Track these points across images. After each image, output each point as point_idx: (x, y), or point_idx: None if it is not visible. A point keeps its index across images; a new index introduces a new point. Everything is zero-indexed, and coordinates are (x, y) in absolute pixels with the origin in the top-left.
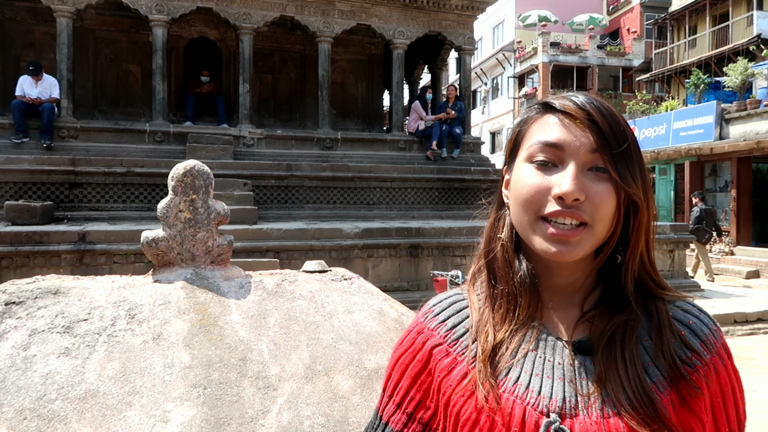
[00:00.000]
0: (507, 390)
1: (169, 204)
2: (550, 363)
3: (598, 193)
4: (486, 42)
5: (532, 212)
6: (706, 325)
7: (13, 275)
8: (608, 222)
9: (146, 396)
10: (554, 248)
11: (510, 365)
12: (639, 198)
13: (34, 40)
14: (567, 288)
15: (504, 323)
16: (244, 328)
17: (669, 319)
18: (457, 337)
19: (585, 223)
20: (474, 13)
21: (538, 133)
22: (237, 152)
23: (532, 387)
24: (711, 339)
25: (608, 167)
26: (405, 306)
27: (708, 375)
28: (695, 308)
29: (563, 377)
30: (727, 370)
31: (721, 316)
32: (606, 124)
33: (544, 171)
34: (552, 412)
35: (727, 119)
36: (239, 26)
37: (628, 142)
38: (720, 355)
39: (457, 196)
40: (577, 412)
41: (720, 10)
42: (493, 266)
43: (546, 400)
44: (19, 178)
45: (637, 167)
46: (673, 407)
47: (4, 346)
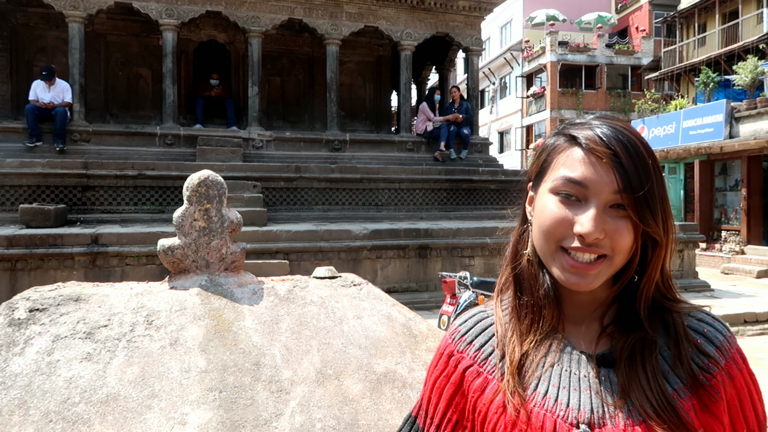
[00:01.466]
0: (537, 404)
1: (184, 213)
2: (576, 376)
3: (618, 229)
4: (494, 41)
5: (554, 242)
6: (720, 333)
7: (27, 277)
8: (626, 254)
9: (165, 399)
10: (573, 279)
11: (538, 378)
12: (659, 236)
13: (47, 45)
14: (587, 303)
15: (529, 334)
16: (257, 333)
17: (685, 329)
18: (486, 357)
19: (604, 255)
20: (481, 13)
21: (564, 166)
22: (246, 154)
23: (560, 400)
24: (726, 345)
25: (629, 209)
26: (413, 307)
27: (724, 379)
28: (709, 317)
29: (589, 389)
30: (742, 374)
31: (731, 316)
32: (631, 164)
33: (568, 205)
34: (582, 423)
35: (737, 118)
36: (248, 29)
37: (650, 180)
38: (735, 360)
39: (465, 197)
40: (604, 422)
41: (729, 7)
42: (519, 278)
43: (575, 412)
44: (33, 181)
45: (659, 205)
46: (694, 412)
47: (30, 351)
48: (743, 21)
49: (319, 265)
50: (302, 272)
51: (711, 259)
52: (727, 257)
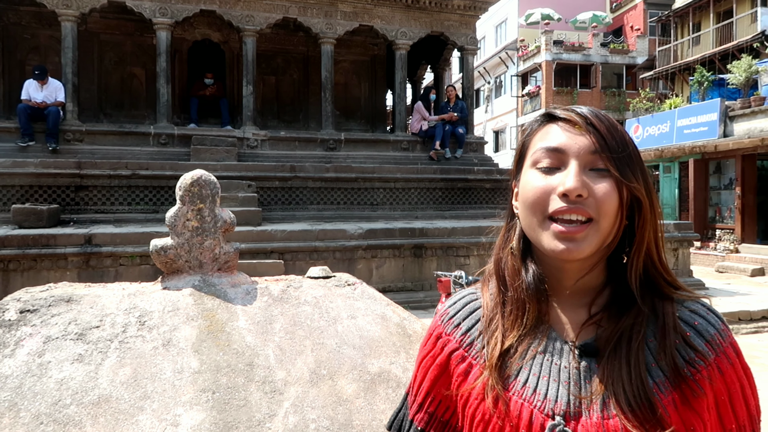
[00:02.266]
0: (516, 393)
1: (177, 213)
2: (557, 366)
3: (601, 188)
4: (489, 41)
5: (540, 212)
6: (713, 326)
7: (20, 278)
8: (612, 217)
9: (157, 401)
10: (562, 245)
11: (519, 367)
12: (641, 193)
13: (39, 44)
14: (576, 290)
15: (513, 329)
16: (250, 333)
17: (674, 320)
18: (471, 341)
19: (590, 219)
20: (476, 13)
21: (541, 141)
22: (241, 154)
23: (539, 390)
24: (717, 339)
25: (608, 165)
26: (409, 306)
27: (712, 375)
28: (704, 308)
29: (568, 380)
30: (734, 369)
31: (726, 314)
32: (604, 128)
33: (549, 174)
34: (557, 415)
35: (731, 117)
36: (242, 28)
37: (627, 145)
38: (727, 354)
39: (460, 196)
40: (580, 413)
41: (724, 6)
42: (503, 274)
43: (551, 403)
44: (26, 181)
45: (638, 167)
46: (674, 407)
47: (20, 353)
48: (737, 20)
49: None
50: (297, 272)
51: (705, 257)
52: (722, 256)
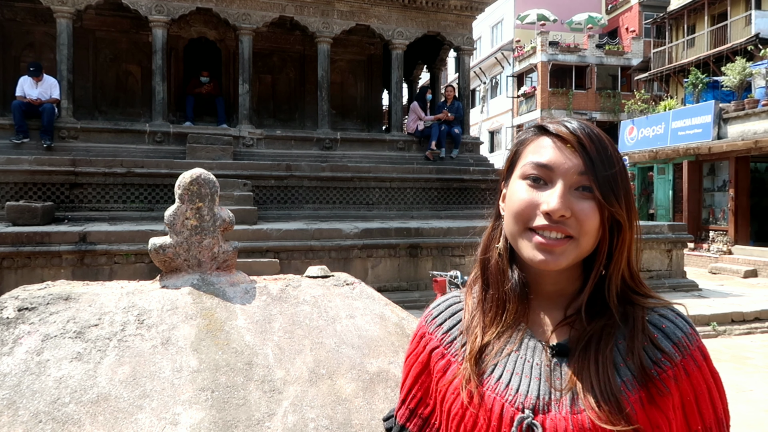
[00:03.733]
0: (490, 388)
1: (176, 212)
2: (530, 363)
3: (583, 210)
4: (485, 41)
5: (522, 224)
6: (681, 329)
7: (14, 276)
8: (592, 236)
9: (156, 399)
10: (541, 256)
11: (495, 364)
12: (622, 217)
13: (34, 41)
14: (554, 294)
15: (492, 326)
16: (249, 332)
17: (643, 323)
18: (451, 340)
19: (570, 237)
20: (473, 13)
21: (532, 153)
22: (237, 152)
23: (511, 385)
24: (684, 342)
25: (593, 187)
26: (404, 306)
27: (678, 375)
28: (672, 313)
29: (540, 377)
30: (701, 372)
31: (719, 315)
32: (594, 149)
33: (536, 188)
34: (526, 408)
35: (725, 119)
36: (239, 27)
37: (614, 167)
38: (693, 357)
39: (456, 196)
40: (549, 408)
41: (718, 9)
42: (486, 273)
43: (522, 398)
44: (20, 178)
45: (622, 190)
46: (641, 405)
47: (19, 351)
48: (732, 23)
49: (309, 264)
50: (292, 271)
51: (699, 258)
52: (715, 257)
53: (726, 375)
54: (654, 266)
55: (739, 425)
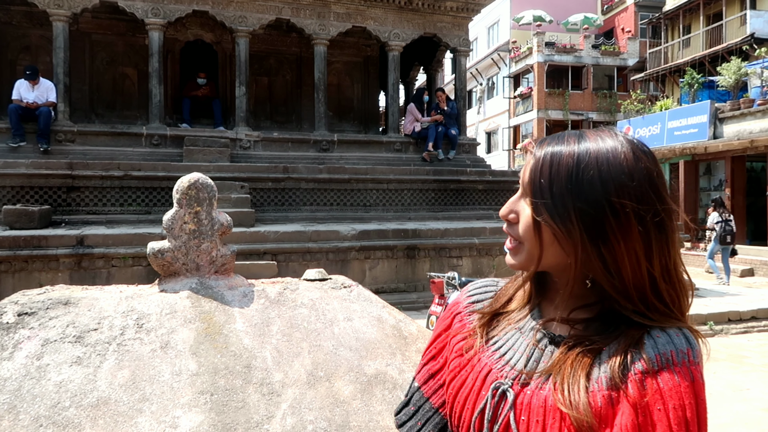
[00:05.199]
0: (487, 355)
1: (174, 216)
2: (526, 342)
3: (522, 216)
4: (481, 42)
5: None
6: (673, 344)
7: (11, 279)
8: (532, 242)
9: (156, 403)
10: (507, 254)
11: (500, 337)
12: (558, 230)
13: (31, 44)
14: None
15: (517, 301)
16: (248, 336)
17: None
18: (473, 310)
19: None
20: (469, 14)
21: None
22: (234, 155)
23: (505, 357)
24: (671, 356)
25: (530, 197)
26: (402, 307)
27: (648, 382)
28: (677, 330)
29: (530, 356)
30: (681, 389)
31: (716, 314)
32: (539, 165)
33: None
34: (507, 378)
35: (721, 118)
36: (235, 29)
37: (557, 184)
38: (676, 372)
39: (453, 197)
40: (528, 383)
41: (713, 9)
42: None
43: (508, 369)
44: (17, 182)
45: (571, 205)
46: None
47: (19, 355)
48: (727, 23)
49: (307, 266)
50: (290, 273)
51: (695, 258)
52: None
53: (723, 374)
54: None
55: (736, 424)
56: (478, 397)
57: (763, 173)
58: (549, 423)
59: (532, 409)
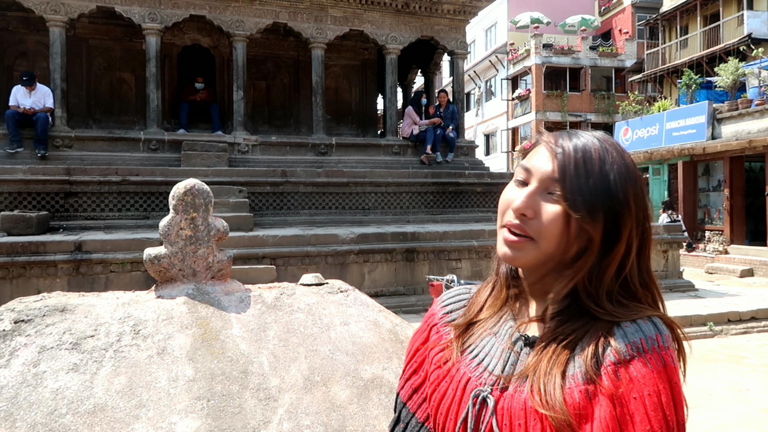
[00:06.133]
0: (465, 364)
1: (170, 222)
2: (502, 347)
3: (546, 212)
4: (479, 44)
5: (500, 220)
6: (642, 332)
7: (9, 286)
8: (552, 241)
9: (152, 409)
10: (504, 249)
11: (475, 344)
12: (591, 228)
13: (27, 50)
14: (540, 292)
15: (489, 308)
16: (244, 341)
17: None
18: (449, 320)
19: (531, 237)
20: (466, 17)
21: (525, 158)
22: (232, 159)
23: (483, 363)
24: (640, 343)
25: (561, 192)
26: (401, 310)
27: (621, 372)
28: (645, 319)
29: (507, 360)
30: (655, 376)
31: (715, 315)
32: (573, 159)
33: (519, 187)
34: (486, 384)
35: (719, 119)
36: (232, 33)
37: (599, 181)
38: (647, 359)
39: (451, 200)
40: (506, 387)
41: (711, 10)
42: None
43: (486, 375)
44: (14, 188)
45: (609, 207)
46: (587, 396)
47: (16, 363)
48: (724, 23)
49: (306, 270)
50: (289, 277)
51: (695, 259)
52: (711, 257)
53: (723, 375)
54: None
55: (735, 425)
56: (460, 406)
57: (761, 173)
58: (531, 425)
59: (513, 413)
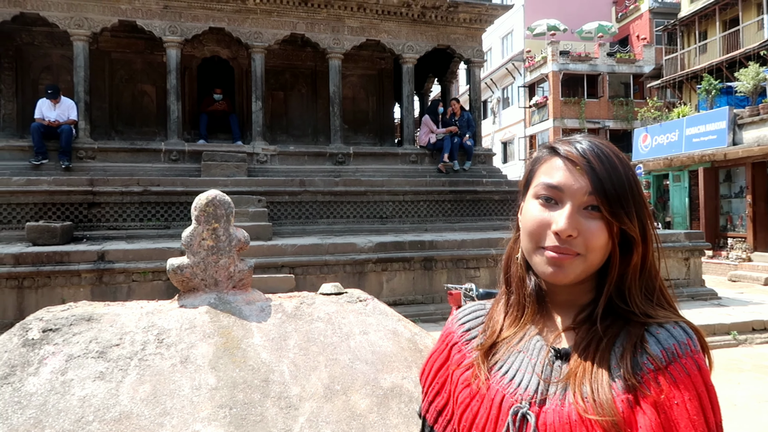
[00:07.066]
0: (495, 381)
1: (192, 233)
2: (533, 362)
3: (590, 229)
4: (495, 52)
5: (534, 242)
6: (674, 338)
7: (34, 295)
8: (600, 252)
9: (176, 417)
10: (551, 269)
11: (504, 361)
12: (634, 233)
13: (52, 64)
14: (567, 303)
15: (509, 327)
16: (265, 350)
17: (640, 331)
18: (470, 338)
19: (578, 254)
20: (482, 25)
21: (544, 174)
22: (251, 169)
23: (514, 380)
24: (674, 349)
25: (601, 206)
26: (420, 319)
27: (660, 379)
28: (673, 324)
29: (541, 374)
30: (691, 380)
31: (739, 324)
32: (603, 169)
33: (547, 207)
34: (524, 400)
35: (740, 124)
36: (251, 45)
37: (624, 184)
38: (683, 365)
39: (469, 208)
40: (545, 402)
41: (730, 14)
42: (509, 280)
43: (522, 391)
44: (39, 199)
45: (634, 207)
46: (629, 406)
47: (44, 371)
48: (744, 28)
49: (324, 279)
50: (308, 286)
51: (718, 266)
52: (734, 264)
53: (747, 384)
54: (671, 275)
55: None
56: (497, 425)
57: None
58: None
59: (557, 427)
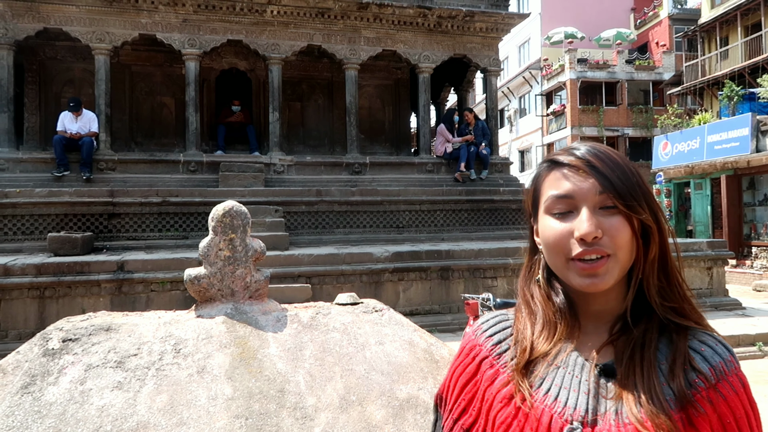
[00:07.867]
0: (538, 399)
1: (209, 243)
2: (578, 379)
3: (613, 226)
4: (512, 61)
5: (562, 255)
6: (719, 355)
7: (55, 305)
8: (628, 249)
9: (193, 427)
10: (588, 281)
11: (543, 378)
12: (650, 221)
13: (74, 77)
14: (602, 314)
15: (543, 343)
16: (281, 360)
17: (685, 347)
18: (501, 352)
19: (608, 255)
20: (498, 34)
21: (551, 188)
22: (268, 179)
23: (560, 398)
24: (721, 366)
25: (616, 203)
26: (437, 329)
27: (713, 397)
28: (713, 339)
29: (588, 392)
30: (738, 398)
31: (765, 335)
32: (605, 166)
33: (563, 219)
34: (575, 420)
35: (763, 131)
36: (268, 57)
37: (629, 177)
38: (731, 383)
39: (486, 218)
40: (596, 422)
41: (752, 20)
42: (532, 302)
43: (570, 410)
44: (61, 210)
45: (642, 196)
46: (683, 424)
47: (63, 380)
48: (766, 33)
49: (341, 289)
50: (324, 296)
51: (742, 276)
52: (759, 274)
53: None
54: (694, 285)
55: None
56: None
57: None
58: None
59: None
